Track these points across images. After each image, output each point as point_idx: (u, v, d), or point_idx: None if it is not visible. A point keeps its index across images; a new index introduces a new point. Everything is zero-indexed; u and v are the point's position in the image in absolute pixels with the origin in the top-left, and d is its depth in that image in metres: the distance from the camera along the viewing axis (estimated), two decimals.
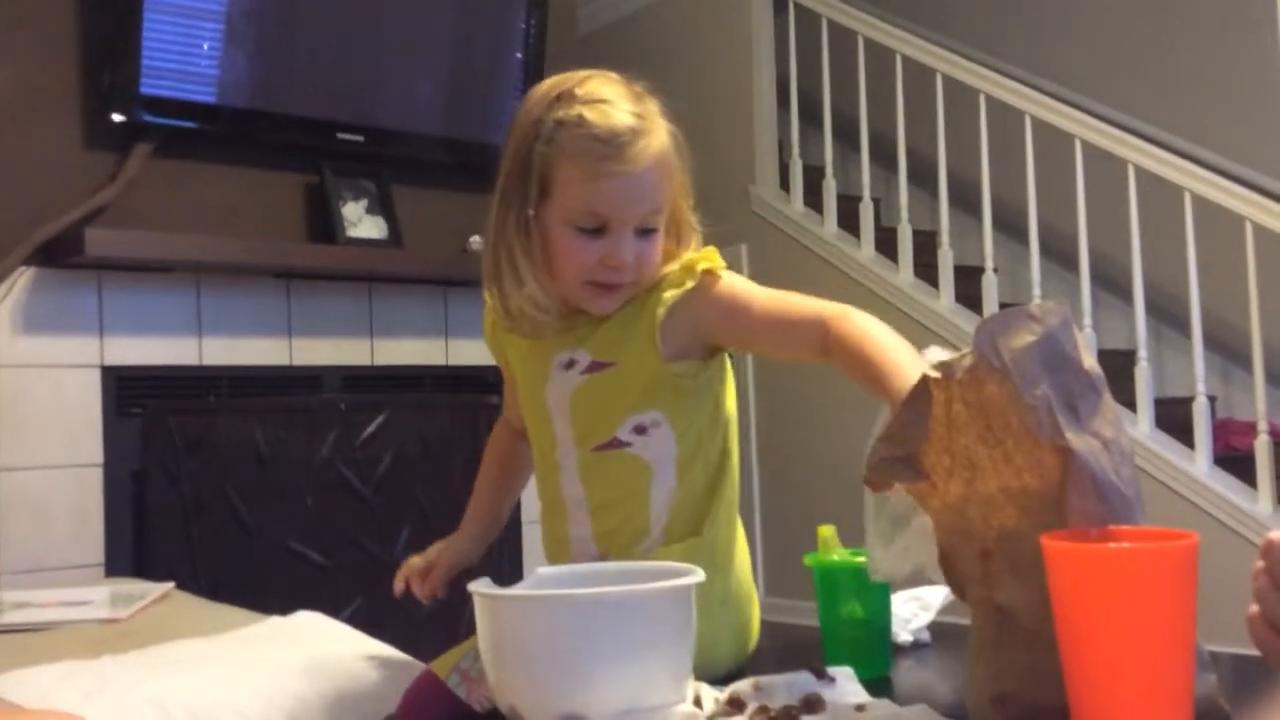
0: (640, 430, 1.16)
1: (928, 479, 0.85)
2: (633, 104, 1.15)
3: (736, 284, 1.17)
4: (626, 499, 1.17)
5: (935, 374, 0.83)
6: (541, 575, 1.08)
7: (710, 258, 1.17)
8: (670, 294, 1.15)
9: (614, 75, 1.19)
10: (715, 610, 1.13)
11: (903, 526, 0.96)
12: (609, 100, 1.14)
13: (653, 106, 1.18)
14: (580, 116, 1.13)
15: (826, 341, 1.07)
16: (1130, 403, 3.39)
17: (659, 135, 1.15)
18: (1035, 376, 0.80)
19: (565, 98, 1.15)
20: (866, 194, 4.11)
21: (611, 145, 1.12)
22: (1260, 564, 0.79)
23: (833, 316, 1.08)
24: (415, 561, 1.40)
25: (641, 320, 1.16)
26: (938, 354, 0.93)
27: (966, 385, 0.82)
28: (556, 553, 1.23)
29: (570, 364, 1.19)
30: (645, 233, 1.15)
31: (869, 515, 1.01)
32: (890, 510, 0.97)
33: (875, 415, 0.96)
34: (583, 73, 1.19)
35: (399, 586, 1.39)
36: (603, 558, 1.18)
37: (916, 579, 0.98)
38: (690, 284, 1.15)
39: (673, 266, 1.18)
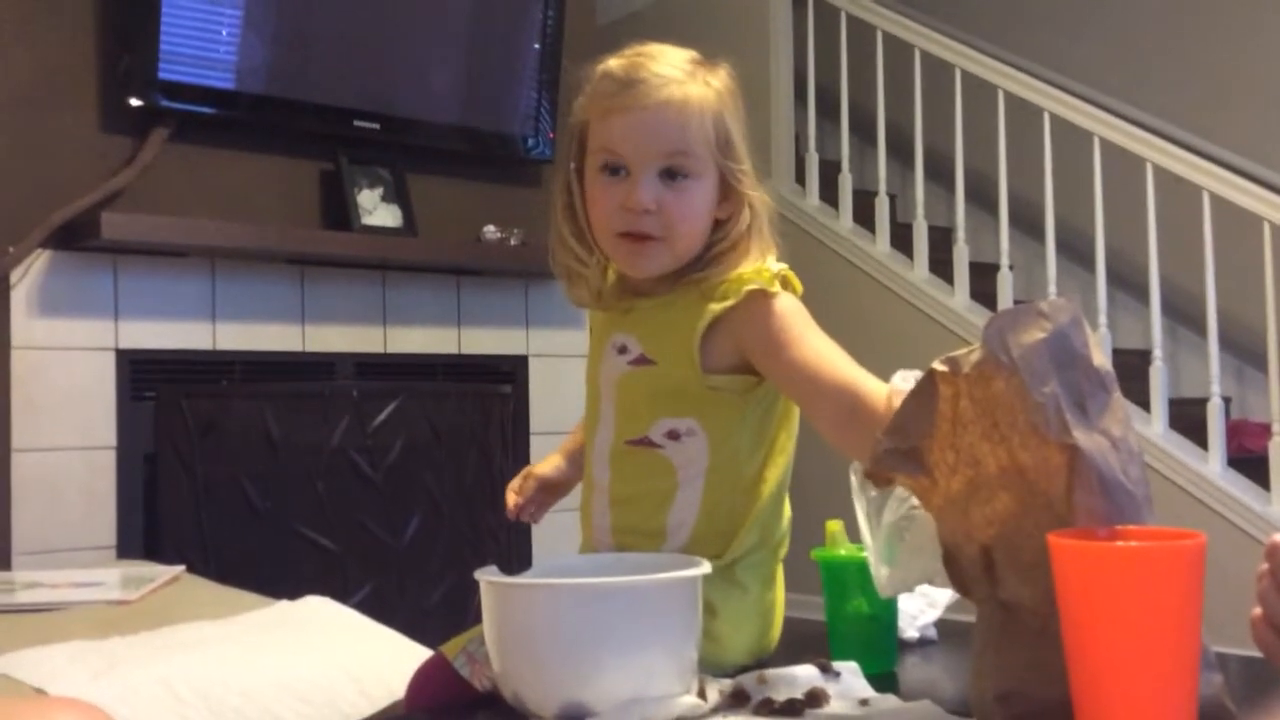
0: (674, 435, 1.12)
1: (930, 474, 0.85)
2: (679, 62, 1.12)
3: (787, 318, 1.09)
4: (646, 499, 1.14)
5: (942, 368, 0.83)
6: (548, 564, 1.08)
7: (761, 274, 1.11)
8: (717, 307, 1.10)
9: (692, 51, 1.16)
10: (730, 627, 1.10)
11: (896, 543, 0.96)
12: (649, 54, 1.13)
13: (709, 73, 1.14)
14: (610, 66, 1.12)
15: (855, 414, 1.02)
16: (1145, 403, 3.37)
17: (691, 86, 1.11)
18: (1044, 373, 0.79)
19: (616, 57, 1.14)
20: (883, 189, 4.09)
21: (625, 83, 1.10)
22: (1264, 566, 0.78)
23: (870, 391, 1.01)
24: (514, 483, 1.35)
25: (686, 324, 1.11)
26: (905, 376, 0.92)
27: (974, 381, 0.81)
28: (586, 532, 1.21)
29: (623, 349, 1.15)
30: (671, 180, 1.11)
31: (865, 535, 1.00)
32: (886, 528, 0.97)
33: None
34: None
35: (511, 513, 1.34)
36: (614, 541, 1.16)
37: (925, 580, 0.98)
38: (732, 300, 1.09)
39: (740, 270, 1.12)
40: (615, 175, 1.11)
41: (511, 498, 1.35)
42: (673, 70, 1.11)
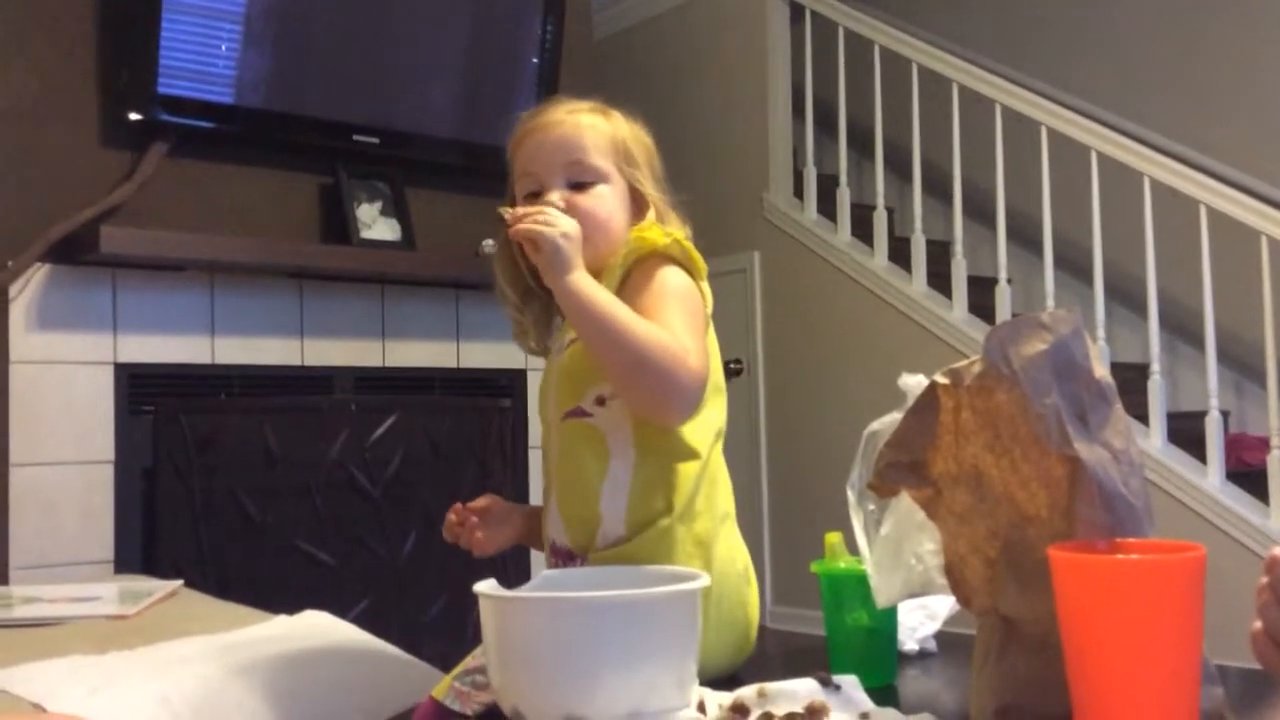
0: (600, 401, 1.19)
1: (934, 486, 0.85)
2: (583, 103, 1.29)
3: (668, 280, 1.18)
4: (582, 467, 1.19)
5: (944, 380, 0.83)
6: (546, 577, 1.08)
7: (651, 234, 1.20)
8: (625, 257, 1.20)
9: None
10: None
11: (894, 552, 0.96)
12: (557, 98, 1.31)
13: (610, 111, 1.30)
14: (526, 112, 1.32)
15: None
16: (1143, 416, 3.37)
17: (589, 115, 1.27)
18: (1045, 385, 0.80)
19: None
20: (880, 203, 4.10)
21: (533, 115, 1.29)
22: (1264, 580, 0.78)
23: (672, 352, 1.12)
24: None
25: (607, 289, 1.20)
26: (908, 380, 0.93)
27: (975, 393, 0.81)
28: (544, 530, 1.26)
29: (566, 345, 1.24)
30: (579, 188, 1.24)
31: (862, 544, 1.00)
32: (884, 537, 0.97)
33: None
34: None
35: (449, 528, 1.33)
36: (565, 531, 1.20)
37: (925, 590, 0.98)
38: (646, 250, 1.19)
39: (641, 234, 1.22)
40: (535, 198, 1.24)
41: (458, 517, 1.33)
42: (574, 104, 1.29)
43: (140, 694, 1.28)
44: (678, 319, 1.14)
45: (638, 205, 1.28)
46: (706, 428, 1.21)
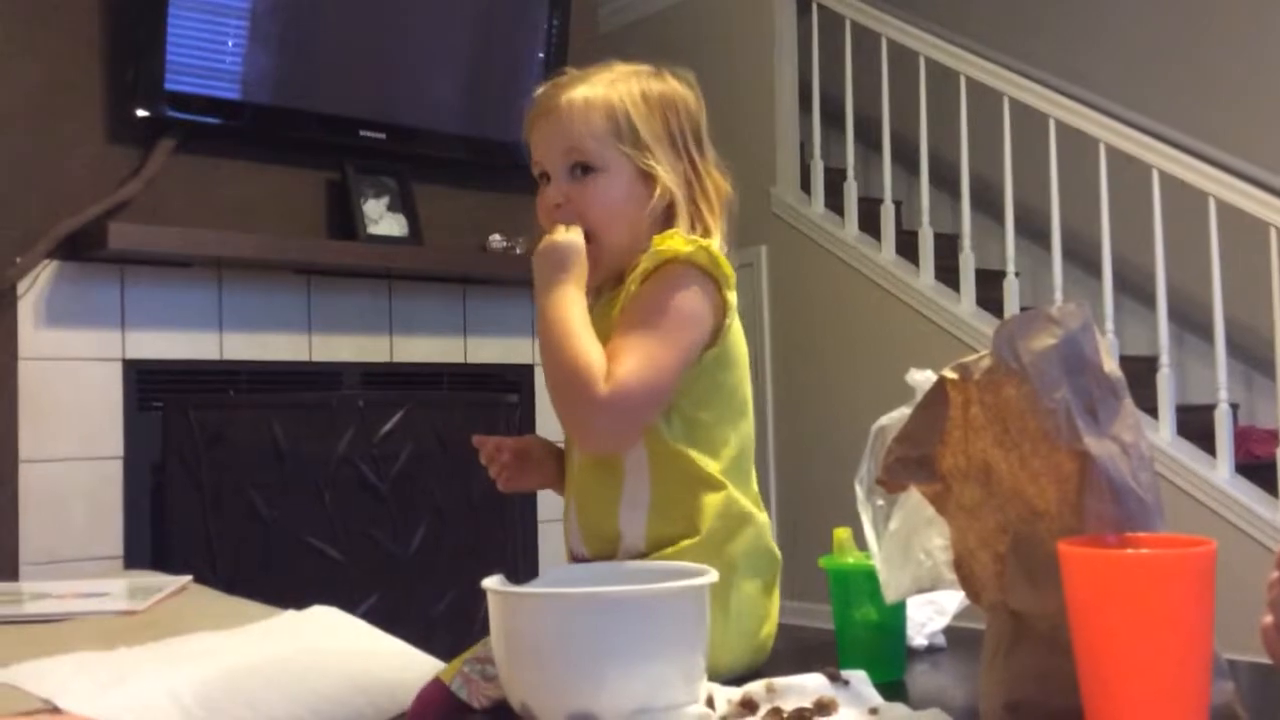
0: None
1: (943, 481, 0.85)
2: (598, 73, 1.21)
3: (665, 292, 1.11)
4: (598, 484, 1.16)
5: (953, 375, 0.82)
6: (555, 573, 1.08)
7: (671, 243, 1.12)
8: (643, 268, 1.13)
9: (633, 65, 1.25)
10: (718, 616, 1.10)
11: (903, 547, 0.95)
12: (570, 71, 1.23)
13: (626, 78, 1.21)
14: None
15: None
16: (1152, 409, 3.36)
17: (589, 88, 1.19)
18: (1054, 379, 0.79)
19: None
20: (888, 196, 4.09)
21: (538, 99, 1.22)
22: (1275, 573, 0.78)
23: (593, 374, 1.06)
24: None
25: (620, 300, 1.15)
26: (916, 376, 0.93)
27: (984, 387, 0.81)
28: (567, 543, 1.24)
29: None
30: (578, 176, 1.18)
31: (870, 539, 1.00)
32: (892, 532, 0.97)
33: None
34: None
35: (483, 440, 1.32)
36: (584, 542, 1.18)
37: (934, 585, 0.98)
38: (666, 259, 1.11)
39: (662, 244, 1.14)
40: (546, 183, 1.21)
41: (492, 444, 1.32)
42: (577, 79, 1.21)
43: (150, 690, 1.29)
44: (646, 338, 1.08)
45: (651, 186, 1.18)
46: (726, 452, 1.15)
